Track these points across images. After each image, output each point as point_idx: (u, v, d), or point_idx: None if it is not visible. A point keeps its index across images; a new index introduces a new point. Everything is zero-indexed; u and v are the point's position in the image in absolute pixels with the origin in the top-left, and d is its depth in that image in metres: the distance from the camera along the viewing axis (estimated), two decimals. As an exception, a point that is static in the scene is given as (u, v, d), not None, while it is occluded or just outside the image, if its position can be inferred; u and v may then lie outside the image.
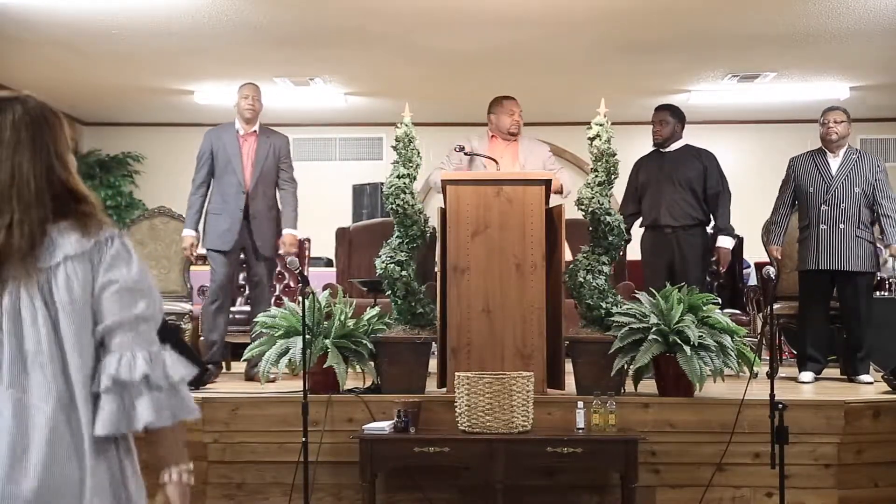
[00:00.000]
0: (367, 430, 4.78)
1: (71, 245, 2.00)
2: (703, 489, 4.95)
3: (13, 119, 2.05)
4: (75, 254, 2.00)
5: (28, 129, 2.05)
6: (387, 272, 5.26)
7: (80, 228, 2.01)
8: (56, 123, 2.10)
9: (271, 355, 5.18)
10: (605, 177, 5.26)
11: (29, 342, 1.97)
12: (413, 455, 4.71)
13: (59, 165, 2.07)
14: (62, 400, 1.97)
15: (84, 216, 2.04)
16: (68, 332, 1.98)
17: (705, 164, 6.56)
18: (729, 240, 6.58)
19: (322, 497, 5.03)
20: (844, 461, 4.99)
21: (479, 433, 4.67)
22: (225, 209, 6.22)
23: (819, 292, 6.40)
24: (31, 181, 2.02)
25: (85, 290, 2.00)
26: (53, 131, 2.08)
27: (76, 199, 2.06)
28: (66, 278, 1.99)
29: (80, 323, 1.99)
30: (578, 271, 5.25)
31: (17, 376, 1.96)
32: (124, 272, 2.03)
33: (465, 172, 5.86)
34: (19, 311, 1.98)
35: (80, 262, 2.00)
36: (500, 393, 4.65)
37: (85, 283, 2.00)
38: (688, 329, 4.97)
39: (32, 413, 1.96)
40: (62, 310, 1.98)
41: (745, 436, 4.93)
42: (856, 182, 6.29)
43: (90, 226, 2.02)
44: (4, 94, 2.10)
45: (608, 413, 4.77)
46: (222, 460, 5.09)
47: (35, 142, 2.05)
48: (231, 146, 6.29)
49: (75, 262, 2.00)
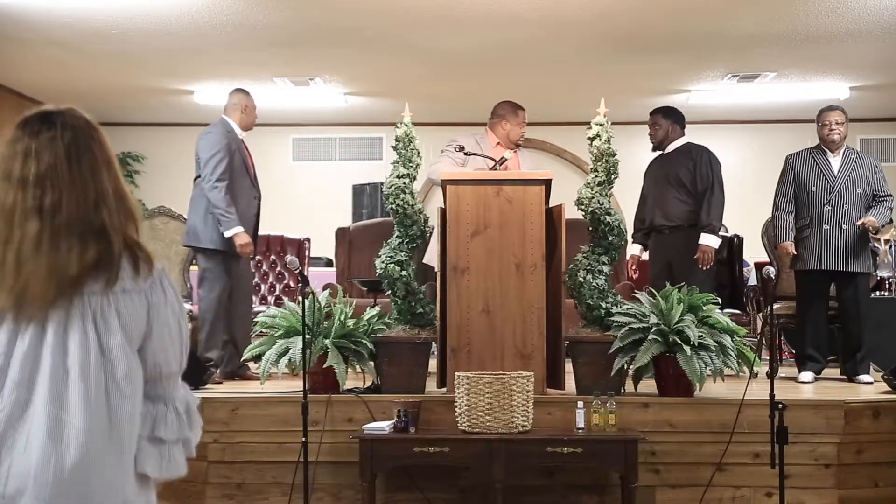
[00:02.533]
0: (367, 430, 4.78)
1: (129, 277, 1.99)
2: (703, 489, 4.95)
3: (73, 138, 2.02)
4: (132, 289, 1.99)
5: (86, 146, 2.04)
6: (387, 272, 5.26)
7: (133, 260, 2.00)
8: (101, 136, 2.09)
9: (271, 355, 5.18)
10: (604, 177, 5.26)
11: (73, 360, 1.96)
12: (413, 455, 4.71)
13: (116, 181, 2.06)
14: (100, 423, 1.95)
15: (136, 246, 2.02)
16: (119, 362, 1.97)
17: (695, 160, 6.53)
18: (713, 238, 6.41)
19: (322, 497, 5.03)
20: (844, 461, 4.99)
21: (478, 433, 4.67)
22: (238, 213, 6.14)
23: (819, 292, 6.39)
24: (102, 202, 2.00)
25: (139, 326, 2.00)
26: (103, 145, 2.07)
27: (129, 220, 2.04)
28: (126, 310, 1.99)
29: (132, 356, 2.00)
30: (578, 271, 5.25)
31: (58, 392, 1.95)
32: (171, 320, 2.04)
33: (466, 172, 5.86)
34: (66, 329, 1.96)
35: (137, 298, 2.00)
36: (499, 393, 4.65)
37: (139, 320, 2.00)
38: (688, 329, 4.97)
39: (65, 429, 1.94)
40: (116, 339, 1.97)
41: (744, 436, 4.93)
42: (857, 182, 6.29)
43: (143, 260, 2.01)
44: (49, 109, 2.07)
45: (608, 413, 4.77)
46: (222, 460, 5.09)
47: (95, 160, 2.03)
48: (241, 149, 6.27)
49: (132, 297, 1.99)
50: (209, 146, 6.17)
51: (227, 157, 6.10)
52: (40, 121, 2.04)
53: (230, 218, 6.02)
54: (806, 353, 6.39)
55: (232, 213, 6.03)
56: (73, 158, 2.01)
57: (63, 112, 2.06)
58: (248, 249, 6.09)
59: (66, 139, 2.02)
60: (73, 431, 1.93)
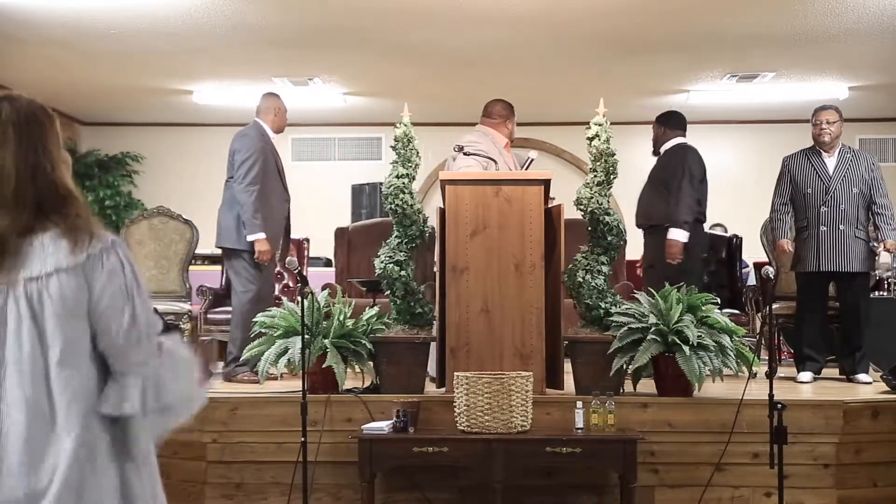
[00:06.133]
0: (366, 430, 4.78)
1: (64, 256, 1.95)
2: (702, 489, 4.95)
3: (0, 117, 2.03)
4: (68, 266, 1.96)
5: (15, 127, 2.01)
6: (386, 272, 5.26)
7: (71, 238, 1.97)
8: (46, 122, 2.06)
9: (270, 355, 5.18)
10: (603, 177, 5.26)
11: (10, 350, 1.95)
12: (412, 455, 4.71)
13: (49, 165, 2.02)
14: (39, 410, 1.95)
15: (75, 224, 1.99)
16: (55, 344, 1.95)
17: (671, 158, 6.55)
18: (677, 232, 6.34)
19: (321, 497, 5.03)
20: (843, 461, 4.99)
21: (477, 433, 4.67)
22: (270, 215, 6.14)
23: (817, 293, 6.39)
24: (12, 179, 1.98)
25: (79, 304, 1.97)
26: (43, 129, 2.04)
27: (66, 201, 2.01)
28: (59, 290, 1.95)
29: (71, 336, 1.96)
30: (577, 271, 5.25)
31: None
32: (113, 290, 2.00)
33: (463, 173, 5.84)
34: (5, 318, 1.96)
35: (73, 275, 1.96)
36: (498, 393, 4.65)
37: (78, 297, 1.97)
38: (687, 329, 4.97)
39: (3, 419, 1.94)
40: (52, 322, 1.95)
41: (743, 436, 4.93)
42: (853, 182, 6.28)
43: (82, 236, 1.98)
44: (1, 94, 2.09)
45: (607, 413, 4.77)
46: (221, 460, 5.09)
47: (21, 140, 2.01)
48: (275, 152, 6.27)
49: (69, 275, 1.96)
50: (245, 148, 6.17)
51: (262, 161, 6.12)
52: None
53: (255, 223, 6.02)
54: (804, 354, 6.39)
55: (258, 219, 6.03)
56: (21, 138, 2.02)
57: (13, 97, 2.07)
58: (266, 257, 6.06)
59: (14, 119, 2.03)
60: (13, 425, 1.93)
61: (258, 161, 6.08)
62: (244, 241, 6.06)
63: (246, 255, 6.10)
